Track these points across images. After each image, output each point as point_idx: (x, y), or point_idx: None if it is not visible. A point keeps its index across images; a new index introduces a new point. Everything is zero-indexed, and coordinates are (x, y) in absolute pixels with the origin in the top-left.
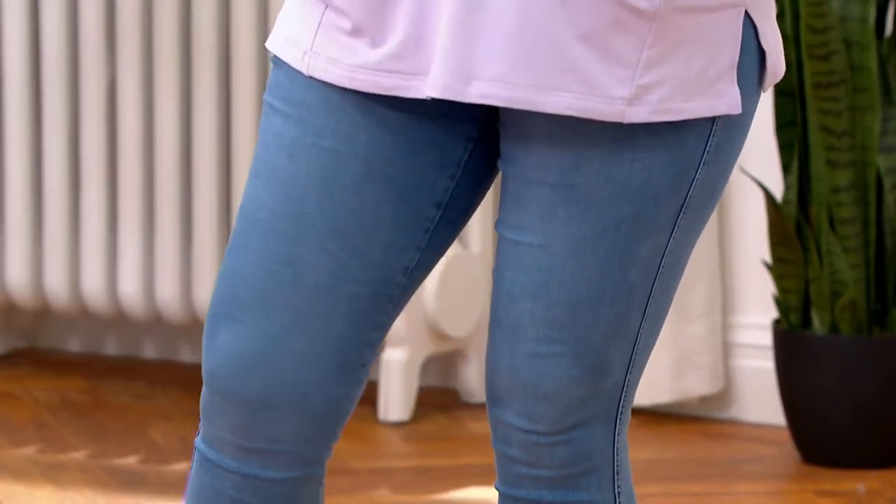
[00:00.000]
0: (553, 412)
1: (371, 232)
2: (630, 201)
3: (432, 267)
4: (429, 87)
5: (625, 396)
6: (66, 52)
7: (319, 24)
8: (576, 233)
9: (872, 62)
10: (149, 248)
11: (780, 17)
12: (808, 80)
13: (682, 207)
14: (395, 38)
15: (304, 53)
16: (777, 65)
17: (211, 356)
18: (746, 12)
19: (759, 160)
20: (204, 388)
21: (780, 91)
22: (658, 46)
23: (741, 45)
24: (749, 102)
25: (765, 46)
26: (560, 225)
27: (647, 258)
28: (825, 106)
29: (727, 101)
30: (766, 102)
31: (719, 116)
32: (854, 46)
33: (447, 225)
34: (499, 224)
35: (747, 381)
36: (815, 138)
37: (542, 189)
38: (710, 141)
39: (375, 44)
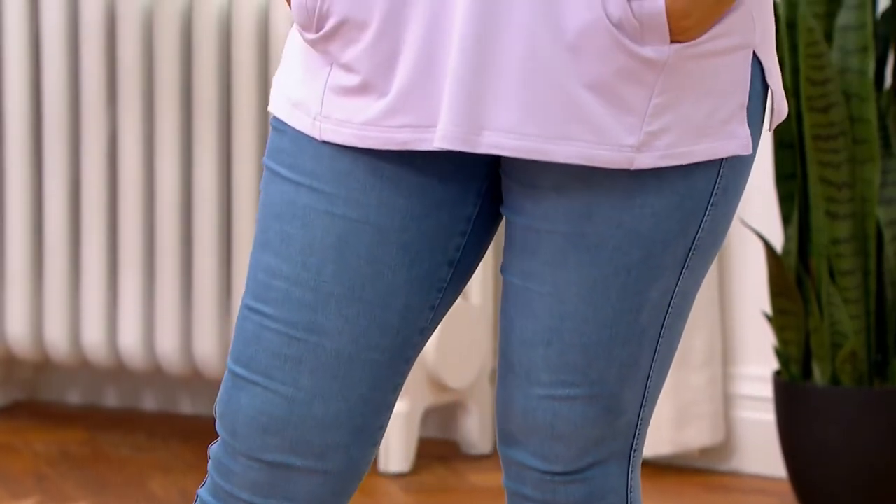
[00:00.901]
0: (569, 452)
1: (388, 298)
2: (640, 246)
3: (441, 320)
4: (438, 137)
5: (638, 434)
6: (66, 105)
7: (326, 85)
8: (587, 279)
9: (872, 114)
10: (149, 301)
11: (780, 69)
12: (807, 131)
13: (690, 249)
14: (402, 90)
15: (315, 118)
16: (781, 102)
17: (233, 417)
18: (755, 53)
19: (760, 212)
20: (218, 446)
21: (780, 143)
22: (667, 94)
23: (750, 86)
24: (756, 141)
25: (770, 84)
26: (572, 272)
27: (657, 300)
28: (825, 158)
29: (738, 141)
30: (766, 154)
31: (727, 157)
32: (853, 98)
33: (458, 280)
34: (505, 270)
35: (748, 432)
36: (815, 190)
37: (552, 238)
38: (718, 182)
39: (382, 97)
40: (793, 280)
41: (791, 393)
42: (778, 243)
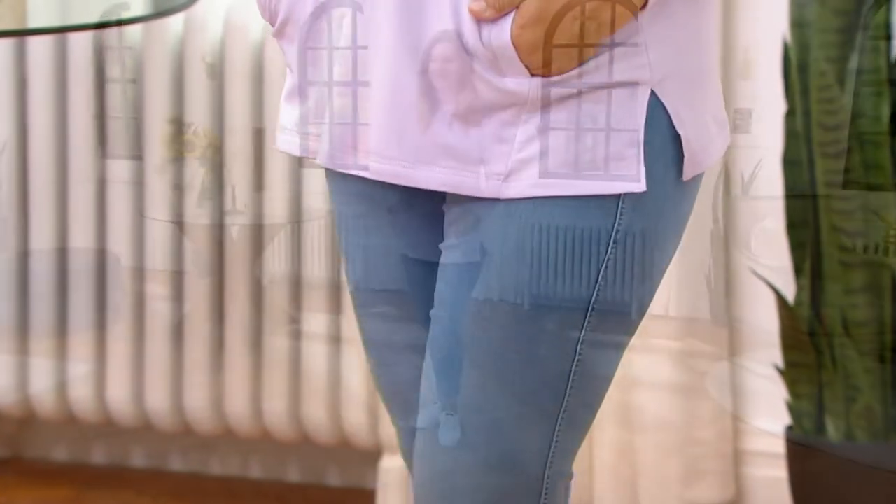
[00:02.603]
0: None
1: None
2: (527, 265)
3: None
4: (320, 153)
5: (546, 493)
6: (55, 153)
7: (284, 92)
8: (477, 296)
9: (886, 160)
10: (138, 354)
11: (791, 113)
12: (819, 178)
13: (594, 291)
14: (316, 98)
15: (278, 129)
16: (699, 155)
17: None
18: (656, 94)
19: (770, 261)
20: None
21: (792, 189)
22: (535, 123)
23: (648, 126)
24: (661, 186)
25: (680, 131)
26: (465, 293)
27: (555, 334)
28: (838, 205)
29: (626, 179)
30: (777, 201)
31: (626, 197)
32: (867, 144)
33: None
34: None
35: (760, 489)
36: (828, 238)
37: (451, 256)
38: (619, 220)
39: (304, 101)
40: (805, 332)
41: (804, 449)
42: (789, 293)
